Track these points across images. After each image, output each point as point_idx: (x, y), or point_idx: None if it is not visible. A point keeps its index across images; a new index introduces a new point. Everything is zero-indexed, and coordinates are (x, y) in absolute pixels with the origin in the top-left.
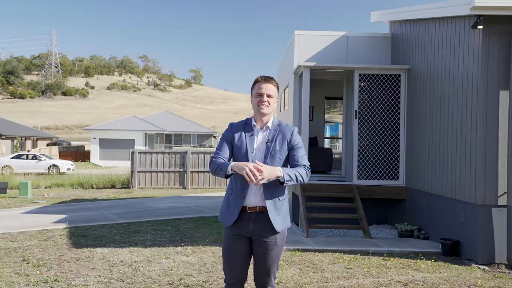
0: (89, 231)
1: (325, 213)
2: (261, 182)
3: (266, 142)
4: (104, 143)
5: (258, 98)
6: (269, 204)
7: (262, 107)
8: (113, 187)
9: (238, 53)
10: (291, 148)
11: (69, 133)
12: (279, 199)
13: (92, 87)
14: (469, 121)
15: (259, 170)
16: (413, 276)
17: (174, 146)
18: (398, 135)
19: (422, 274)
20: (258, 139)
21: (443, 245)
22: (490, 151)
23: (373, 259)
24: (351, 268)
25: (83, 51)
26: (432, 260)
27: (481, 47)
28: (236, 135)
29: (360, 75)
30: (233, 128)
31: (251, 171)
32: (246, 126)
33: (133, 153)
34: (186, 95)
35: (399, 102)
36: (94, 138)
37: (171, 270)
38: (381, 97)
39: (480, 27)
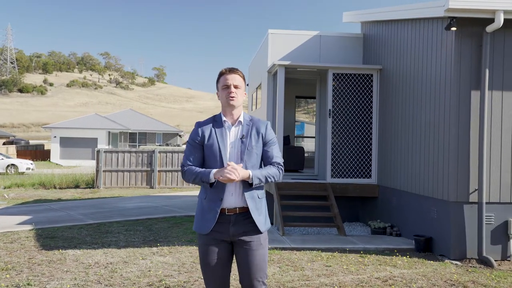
0: (57, 233)
1: (299, 212)
2: (235, 179)
3: (241, 138)
4: (65, 142)
5: (225, 91)
6: (250, 204)
7: (231, 99)
8: (77, 187)
9: (202, 51)
10: (265, 143)
11: (27, 132)
12: (258, 197)
13: (51, 84)
14: (442, 120)
15: (235, 169)
16: (391, 273)
17: (138, 145)
18: (371, 134)
19: (399, 270)
20: (231, 135)
21: (417, 241)
22: (463, 150)
23: (350, 257)
24: (330, 266)
25: (41, 47)
26: (407, 256)
27: (454, 48)
28: (206, 134)
29: (333, 74)
30: (201, 126)
31: (231, 170)
32: (215, 122)
33: (98, 152)
34: (149, 93)
35: (371, 102)
36: (55, 137)
37: (149, 271)
38: (354, 97)
39: (453, 28)
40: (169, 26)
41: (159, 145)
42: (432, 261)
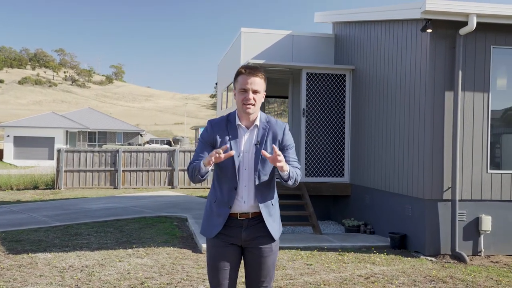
0: (23, 236)
1: None
2: (281, 163)
3: (255, 144)
4: (20, 141)
5: (242, 96)
6: (264, 212)
7: (248, 108)
8: (36, 188)
9: (162, 49)
10: (282, 149)
11: None
12: (272, 204)
13: (1, 81)
14: (417, 120)
15: (278, 154)
16: (371, 270)
17: (98, 145)
18: (344, 133)
19: (379, 267)
20: (245, 140)
21: (392, 238)
22: (437, 149)
23: (329, 255)
24: (311, 264)
25: None
26: (384, 254)
27: (429, 50)
28: (219, 136)
29: (307, 74)
30: (214, 127)
31: (217, 152)
32: (229, 123)
33: (59, 151)
34: (107, 91)
35: (344, 101)
36: (8, 136)
37: (128, 273)
38: (327, 96)
39: (429, 30)
40: (128, 24)
41: (121, 145)
42: (408, 258)
